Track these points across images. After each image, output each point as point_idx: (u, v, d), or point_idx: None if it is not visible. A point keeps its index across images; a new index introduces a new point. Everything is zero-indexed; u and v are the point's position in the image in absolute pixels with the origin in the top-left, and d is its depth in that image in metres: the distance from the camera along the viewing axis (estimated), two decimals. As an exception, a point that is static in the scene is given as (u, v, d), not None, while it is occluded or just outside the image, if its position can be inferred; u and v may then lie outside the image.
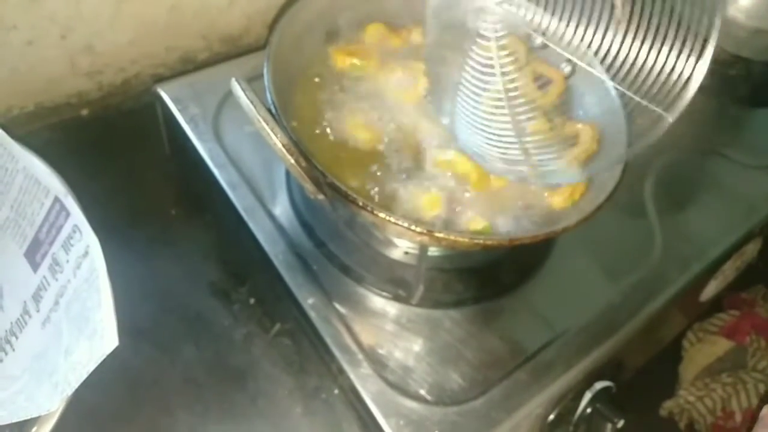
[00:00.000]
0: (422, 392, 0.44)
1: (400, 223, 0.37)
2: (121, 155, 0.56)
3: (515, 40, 0.50)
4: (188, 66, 0.63)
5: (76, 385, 0.33)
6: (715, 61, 0.71)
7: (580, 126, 0.48)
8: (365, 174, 0.45)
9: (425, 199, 0.44)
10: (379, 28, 0.53)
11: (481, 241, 0.39)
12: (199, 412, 0.46)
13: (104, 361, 0.32)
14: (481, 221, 0.44)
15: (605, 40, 0.45)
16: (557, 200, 0.45)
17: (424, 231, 0.38)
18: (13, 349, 0.39)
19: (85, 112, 0.60)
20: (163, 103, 0.55)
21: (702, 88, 0.72)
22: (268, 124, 0.37)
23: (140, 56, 0.60)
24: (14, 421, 0.34)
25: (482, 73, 0.45)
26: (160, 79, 0.58)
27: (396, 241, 0.49)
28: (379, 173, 0.45)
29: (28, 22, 0.51)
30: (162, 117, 0.56)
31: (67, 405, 0.33)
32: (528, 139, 0.45)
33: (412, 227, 0.37)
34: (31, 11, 0.51)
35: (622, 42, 0.44)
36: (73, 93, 0.59)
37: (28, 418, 0.33)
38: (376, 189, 0.44)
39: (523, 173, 0.44)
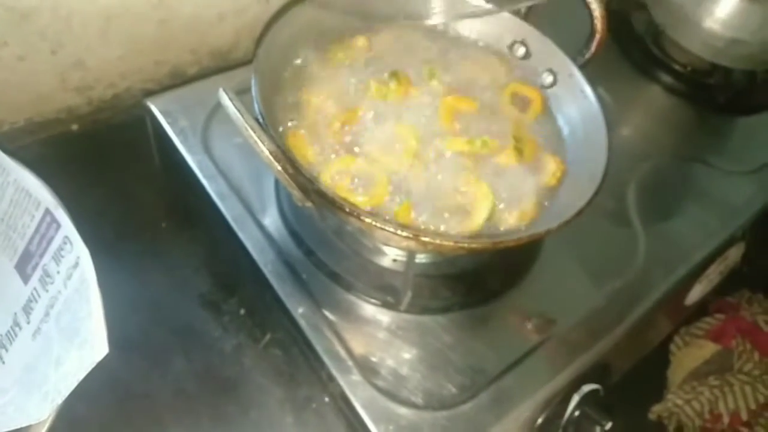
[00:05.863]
0: (412, 398, 0.44)
1: (386, 227, 0.38)
2: (111, 169, 0.56)
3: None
4: (177, 80, 0.63)
5: (66, 394, 0.33)
6: (695, 70, 0.74)
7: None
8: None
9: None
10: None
11: (466, 244, 0.40)
12: (190, 424, 0.46)
13: (94, 373, 0.33)
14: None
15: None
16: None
17: (410, 235, 0.38)
18: (3, 362, 0.39)
19: (75, 126, 0.61)
20: (152, 116, 0.56)
21: (682, 96, 0.74)
22: (255, 132, 0.38)
23: (130, 71, 0.60)
24: (4, 431, 0.34)
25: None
26: (150, 93, 0.58)
27: (384, 248, 0.50)
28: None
29: (19, 38, 0.52)
30: (152, 130, 0.57)
31: (57, 418, 0.33)
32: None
33: (398, 231, 0.38)
34: (22, 27, 0.51)
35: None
36: (63, 108, 0.59)
37: (18, 427, 0.33)
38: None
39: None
